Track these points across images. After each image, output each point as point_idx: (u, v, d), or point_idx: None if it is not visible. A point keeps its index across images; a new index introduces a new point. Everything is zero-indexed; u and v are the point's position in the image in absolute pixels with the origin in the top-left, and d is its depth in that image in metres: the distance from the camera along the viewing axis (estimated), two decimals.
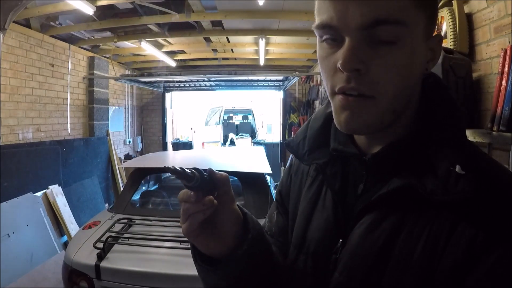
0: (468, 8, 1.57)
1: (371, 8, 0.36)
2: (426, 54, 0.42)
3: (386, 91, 0.39)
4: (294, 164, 0.61)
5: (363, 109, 0.40)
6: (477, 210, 0.36)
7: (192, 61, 6.14)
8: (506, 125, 1.20)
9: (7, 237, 2.70)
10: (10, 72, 3.33)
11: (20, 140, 3.48)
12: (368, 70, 0.38)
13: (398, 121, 0.43)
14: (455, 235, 0.37)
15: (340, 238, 0.46)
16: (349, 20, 0.37)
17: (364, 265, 0.42)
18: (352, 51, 0.37)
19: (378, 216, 0.42)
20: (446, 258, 0.37)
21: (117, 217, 2.01)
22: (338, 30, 0.38)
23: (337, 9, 0.37)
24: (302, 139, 0.54)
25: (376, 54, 0.38)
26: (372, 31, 0.37)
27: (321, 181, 0.52)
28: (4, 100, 3.23)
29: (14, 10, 2.48)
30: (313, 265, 0.49)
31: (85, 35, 4.38)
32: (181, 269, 1.52)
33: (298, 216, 0.54)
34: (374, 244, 0.41)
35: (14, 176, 3.14)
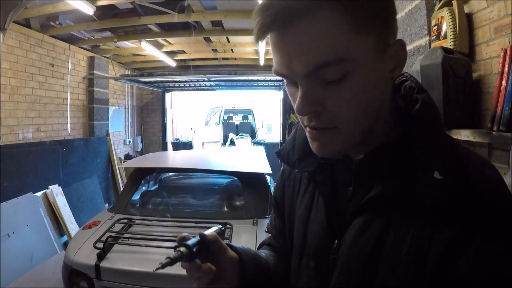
0: (468, 8, 1.57)
1: (311, 56, 0.38)
2: (386, 66, 0.43)
3: (347, 120, 0.41)
4: (285, 170, 0.65)
5: (329, 139, 0.43)
6: (454, 211, 0.39)
7: (192, 61, 6.14)
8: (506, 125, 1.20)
9: (7, 237, 2.70)
10: (10, 72, 3.33)
11: (20, 140, 3.48)
12: (325, 107, 0.41)
13: (375, 130, 0.46)
14: (436, 234, 0.40)
15: (336, 239, 0.49)
16: (294, 69, 0.40)
17: (359, 264, 0.45)
18: (305, 97, 0.40)
19: (367, 219, 0.45)
20: (431, 255, 0.40)
21: (117, 217, 2.01)
22: (289, 78, 0.42)
23: (283, 60, 0.40)
24: (291, 148, 0.57)
25: (328, 92, 0.40)
26: (318, 74, 0.39)
27: (314, 187, 0.56)
28: (4, 100, 3.23)
29: (14, 10, 2.48)
30: (315, 265, 0.52)
31: (85, 35, 4.39)
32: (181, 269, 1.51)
33: (297, 221, 0.58)
34: (366, 244, 0.45)
35: (14, 176, 3.14)
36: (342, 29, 0.37)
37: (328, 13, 0.37)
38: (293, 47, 0.39)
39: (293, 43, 0.38)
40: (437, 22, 1.66)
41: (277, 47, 0.40)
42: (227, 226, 1.83)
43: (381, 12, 0.40)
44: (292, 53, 0.39)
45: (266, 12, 0.38)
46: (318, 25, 0.37)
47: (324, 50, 0.37)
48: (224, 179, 2.80)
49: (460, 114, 1.49)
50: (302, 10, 0.36)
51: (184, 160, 3.11)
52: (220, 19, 3.66)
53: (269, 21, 0.38)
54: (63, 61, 4.23)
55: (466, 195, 0.40)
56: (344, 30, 0.37)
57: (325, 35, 0.37)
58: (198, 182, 3.05)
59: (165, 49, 5.05)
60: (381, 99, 0.44)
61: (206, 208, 2.37)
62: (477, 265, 0.37)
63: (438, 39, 1.66)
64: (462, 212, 0.39)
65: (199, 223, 1.88)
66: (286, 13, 0.37)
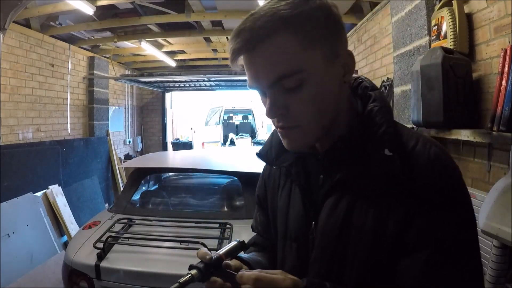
0: (468, 8, 1.57)
1: (272, 71, 0.49)
2: (337, 73, 0.53)
3: (307, 119, 0.52)
4: (265, 170, 0.76)
5: (295, 136, 0.54)
6: (406, 184, 0.49)
7: (192, 61, 6.14)
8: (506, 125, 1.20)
9: (7, 237, 2.70)
10: (10, 72, 3.33)
11: (20, 140, 3.48)
12: (288, 110, 0.51)
13: (336, 125, 0.56)
14: (393, 206, 0.50)
15: (313, 222, 0.59)
16: (261, 82, 0.51)
17: (332, 238, 0.55)
18: (272, 103, 0.51)
19: (335, 200, 0.55)
20: (390, 224, 0.50)
21: (117, 217, 2.01)
22: (259, 89, 0.53)
23: (252, 76, 0.51)
24: (269, 149, 0.67)
25: (290, 98, 0.50)
26: (280, 84, 0.49)
27: (290, 181, 0.65)
28: (4, 100, 3.23)
29: (14, 10, 2.48)
30: (297, 247, 0.61)
31: (85, 35, 4.39)
32: (181, 269, 1.51)
33: (279, 212, 0.67)
34: (336, 221, 0.54)
35: (14, 176, 3.14)
36: (294, 48, 0.48)
37: (282, 37, 0.47)
38: (258, 66, 0.49)
39: (258, 62, 0.49)
40: (437, 22, 1.66)
41: (247, 66, 0.51)
42: (227, 227, 1.83)
43: (327, 31, 0.50)
44: (258, 70, 0.50)
45: (236, 40, 0.48)
46: (275, 47, 0.47)
47: (281, 65, 0.48)
48: (224, 179, 2.80)
49: (460, 114, 1.49)
50: (262, 36, 0.47)
51: (184, 160, 3.11)
52: (220, 19, 3.66)
53: (239, 47, 0.48)
54: (63, 61, 4.23)
55: (413, 168, 0.50)
56: (295, 48, 0.48)
57: (281, 54, 0.48)
58: (198, 182, 3.05)
59: (165, 49, 5.05)
60: (337, 99, 0.54)
61: (206, 208, 2.37)
62: (424, 231, 0.48)
63: (438, 39, 1.66)
64: (412, 184, 0.49)
65: (199, 223, 1.88)
66: (250, 40, 0.47)
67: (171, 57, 5.45)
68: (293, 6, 0.47)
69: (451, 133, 1.50)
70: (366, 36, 3.29)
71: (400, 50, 2.12)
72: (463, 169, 1.62)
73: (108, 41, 4.50)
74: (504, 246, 1.21)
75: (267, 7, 0.48)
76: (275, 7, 0.48)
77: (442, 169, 0.50)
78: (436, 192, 0.48)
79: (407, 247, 0.49)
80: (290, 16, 0.47)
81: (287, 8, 0.47)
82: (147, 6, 3.49)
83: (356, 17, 3.44)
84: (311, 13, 0.48)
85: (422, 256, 0.48)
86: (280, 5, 0.48)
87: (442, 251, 0.48)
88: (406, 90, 2.04)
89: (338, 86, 0.53)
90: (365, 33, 3.31)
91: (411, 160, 0.50)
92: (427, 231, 0.48)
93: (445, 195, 0.48)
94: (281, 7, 0.47)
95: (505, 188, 1.17)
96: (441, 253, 0.47)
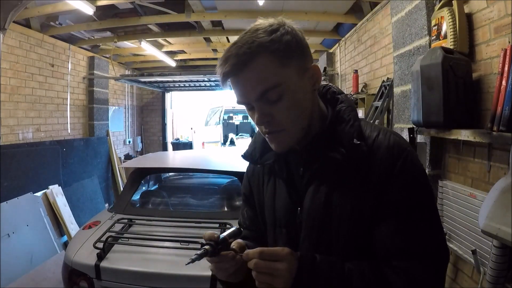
0: (468, 8, 1.57)
1: (257, 87, 0.60)
2: (308, 83, 0.64)
3: (289, 123, 0.63)
4: (249, 170, 0.85)
5: (281, 139, 0.64)
6: (372, 159, 0.62)
7: (192, 61, 6.14)
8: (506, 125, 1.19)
9: (7, 237, 2.70)
10: (10, 72, 3.34)
11: (20, 140, 3.48)
12: (274, 117, 0.62)
13: (312, 125, 0.67)
14: (365, 181, 0.62)
15: (298, 207, 0.69)
16: (249, 98, 0.62)
17: (316, 218, 0.65)
18: (260, 113, 0.62)
19: (316, 185, 0.66)
20: (364, 196, 0.62)
21: (117, 217, 2.01)
22: (248, 104, 0.64)
23: (241, 93, 0.62)
24: (253, 149, 0.77)
25: (274, 107, 0.61)
26: (264, 97, 0.60)
27: (274, 177, 0.75)
28: (4, 100, 3.23)
29: (14, 10, 2.48)
30: (286, 231, 0.71)
31: (85, 35, 4.39)
32: (181, 269, 1.52)
33: (266, 203, 0.77)
34: (319, 202, 0.65)
35: (14, 176, 3.14)
36: (273, 67, 0.59)
37: (263, 59, 0.59)
38: (246, 84, 0.61)
39: (245, 81, 0.60)
40: (437, 22, 1.66)
41: (236, 86, 0.62)
42: (227, 226, 1.83)
43: (297, 50, 0.62)
44: (246, 88, 0.61)
45: (225, 65, 0.59)
46: (258, 68, 0.59)
47: (264, 82, 0.59)
48: (224, 179, 2.80)
49: (460, 114, 1.49)
50: (246, 61, 0.58)
51: (184, 160, 3.11)
52: (220, 19, 3.66)
53: (228, 71, 0.59)
54: (63, 61, 4.23)
55: (376, 152, 0.63)
56: (274, 67, 0.59)
57: (263, 73, 0.59)
58: (198, 182, 3.06)
59: (165, 49, 5.05)
60: (311, 105, 0.66)
61: (206, 208, 2.37)
62: (390, 202, 0.61)
63: (438, 39, 1.66)
64: (377, 164, 0.62)
65: (199, 223, 1.88)
66: (237, 64, 0.58)
67: (171, 57, 5.45)
68: (268, 34, 0.59)
69: (451, 133, 1.50)
70: (366, 36, 3.29)
71: (400, 50, 2.12)
72: (463, 169, 1.62)
73: (108, 41, 4.50)
74: (504, 246, 1.21)
75: (247, 36, 0.59)
76: (254, 36, 0.59)
77: (400, 152, 0.62)
78: (396, 170, 0.61)
79: (378, 219, 0.61)
80: (266, 42, 0.59)
81: (263, 36, 0.59)
82: (147, 6, 3.49)
83: (356, 17, 3.44)
84: (282, 37, 0.60)
85: (390, 223, 0.60)
86: (258, 34, 0.59)
87: (406, 217, 0.60)
88: (406, 90, 2.04)
89: (310, 93, 0.65)
90: (365, 33, 3.31)
91: (374, 146, 0.63)
92: (392, 202, 0.61)
93: (404, 172, 0.61)
94: (258, 36, 0.59)
95: (505, 188, 1.16)
96: (406, 218, 0.60)
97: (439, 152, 1.78)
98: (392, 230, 0.60)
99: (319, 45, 4.85)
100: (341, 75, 4.32)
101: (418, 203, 0.61)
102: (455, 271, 1.69)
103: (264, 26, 0.61)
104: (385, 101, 2.62)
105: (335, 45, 4.48)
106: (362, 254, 0.62)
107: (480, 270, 1.40)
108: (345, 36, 3.98)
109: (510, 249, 1.22)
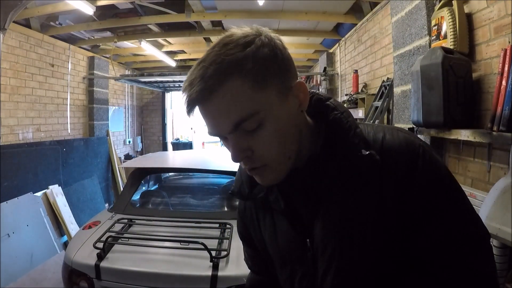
0: (468, 8, 1.57)
1: (229, 118, 0.48)
2: (292, 104, 0.53)
3: (272, 158, 0.52)
4: (241, 208, 0.74)
5: (265, 174, 0.54)
6: (385, 163, 0.53)
7: (192, 61, 6.14)
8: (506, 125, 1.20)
9: (7, 237, 2.70)
10: (10, 72, 3.34)
11: (20, 140, 3.48)
12: (254, 151, 0.51)
13: (303, 149, 0.56)
14: (385, 188, 0.53)
15: (307, 239, 0.59)
16: (220, 130, 0.51)
17: (334, 247, 0.55)
18: (235, 148, 0.51)
19: (326, 209, 0.56)
20: (389, 205, 0.53)
21: (117, 217, 2.01)
22: (220, 136, 0.52)
23: (211, 125, 0.51)
24: (241, 184, 0.65)
25: (253, 139, 0.50)
26: (239, 128, 0.49)
27: (270, 209, 0.64)
28: (4, 100, 3.23)
29: (14, 10, 2.48)
30: (299, 267, 0.60)
31: (85, 35, 4.39)
32: (181, 269, 1.52)
33: (268, 243, 0.67)
34: (333, 226, 0.55)
35: (14, 176, 3.14)
36: (246, 91, 0.48)
37: (233, 83, 0.47)
38: (215, 115, 0.49)
39: (214, 111, 0.49)
40: (437, 22, 1.66)
41: (204, 115, 0.51)
42: (227, 226, 1.83)
43: (276, 66, 0.50)
44: (215, 119, 0.50)
45: (190, 91, 0.48)
46: (228, 95, 0.47)
47: (237, 111, 0.48)
48: (224, 179, 2.80)
49: (460, 114, 1.49)
50: (214, 86, 0.47)
51: (184, 160, 3.11)
52: (220, 19, 3.66)
53: (193, 98, 0.48)
54: (63, 61, 4.23)
55: (388, 156, 0.53)
56: (248, 92, 0.48)
57: (235, 101, 0.48)
58: (198, 182, 3.06)
59: (165, 49, 5.05)
60: (298, 128, 0.55)
61: (206, 208, 2.37)
62: (419, 207, 0.52)
63: (438, 39, 1.66)
64: (392, 168, 0.53)
65: (199, 223, 1.88)
66: (203, 90, 0.47)
67: (171, 57, 5.45)
68: (239, 49, 0.48)
69: (451, 133, 1.50)
70: (366, 36, 3.29)
71: (400, 50, 2.12)
72: (463, 169, 1.62)
73: (108, 41, 4.50)
74: (504, 246, 1.21)
75: (214, 53, 0.48)
76: (222, 53, 0.48)
77: (415, 149, 0.53)
78: (419, 170, 0.52)
79: (413, 228, 0.52)
80: (237, 60, 0.47)
81: (233, 53, 0.47)
82: (147, 6, 3.49)
83: (356, 17, 3.44)
84: (258, 52, 0.48)
85: (426, 231, 0.52)
86: (227, 50, 0.48)
87: (441, 218, 0.52)
88: (406, 90, 2.04)
89: (296, 116, 0.54)
90: (365, 33, 3.32)
91: (384, 149, 0.54)
92: (425, 206, 0.52)
93: (426, 170, 0.52)
94: (228, 52, 0.48)
95: (505, 188, 1.17)
96: (441, 220, 0.52)
97: (439, 152, 1.78)
98: (434, 237, 0.52)
99: (319, 45, 4.85)
100: (341, 75, 4.32)
101: (451, 199, 0.53)
102: None
103: (236, 38, 0.49)
104: (385, 101, 2.62)
105: (335, 45, 4.48)
106: (392, 269, 0.54)
107: None
108: (345, 36, 3.98)
109: (510, 249, 1.22)
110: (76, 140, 4.39)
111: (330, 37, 4.33)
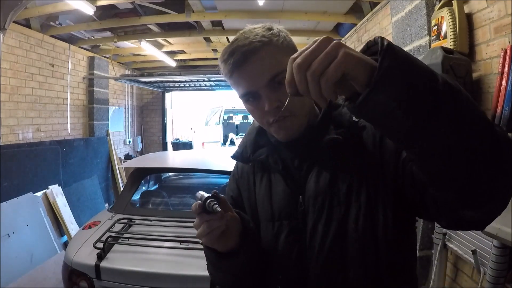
0: (468, 8, 1.57)
1: (266, 73, 0.64)
2: None
3: (298, 107, 0.65)
4: (236, 173, 0.85)
5: (289, 125, 0.67)
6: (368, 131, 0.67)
7: (192, 61, 6.14)
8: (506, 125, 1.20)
9: (7, 237, 2.70)
10: (10, 72, 3.33)
11: (20, 140, 3.48)
12: (283, 103, 0.60)
13: (310, 114, 0.70)
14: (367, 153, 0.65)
15: (299, 195, 0.68)
16: (258, 84, 0.64)
17: (324, 198, 0.65)
18: (269, 99, 0.64)
19: (318, 170, 0.67)
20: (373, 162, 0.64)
21: (117, 217, 2.01)
22: (255, 92, 0.66)
23: (249, 81, 0.65)
24: (244, 148, 0.78)
25: (282, 93, 0.62)
26: (272, 82, 0.64)
27: (268, 172, 0.75)
28: (4, 100, 3.23)
29: (14, 10, 2.48)
30: (288, 222, 0.69)
31: (85, 35, 4.39)
32: (181, 269, 1.52)
33: (260, 201, 0.75)
34: (324, 183, 0.66)
35: (14, 176, 3.14)
36: (277, 55, 0.65)
37: (268, 47, 0.65)
38: (254, 71, 0.64)
39: (254, 68, 0.64)
40: (437, 22, 1.66)
41: (243, 74, 0.65)
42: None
43: (292, 44, 0.70)
44: (254, 74, 0.64)
45: (232, 57, 0.65)
46: (266, 55, 0.64)
47: (271, 68, 0.64)
48: (224, 179, 2.80)
49: None
50: (254, 49, 0.64)
51: (184, 160, 3.11)
52: (220, 19, 3.66)
53: (237, 59, 0.64)
54: (63, 61, 4.23)
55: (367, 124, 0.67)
56: (278, 56, 0.64)
57: (270, 60, 0.64)
58: (198, 182, 3.06)
59: (165, 49, 5.05)
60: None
61: None
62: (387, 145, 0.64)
63: (438, 39, 1.66)
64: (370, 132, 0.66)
65: None
66: (246, 52, 0.63)
67: (171, 57, 5.45)
68: (266, 31, 0.66)
69: None
70: (366, 36, 3.29)
71: None
72: None
73: (108, 41, 4.50)
74: (504, 246, 1.21)
75: (247, 32, 0.66)
76: (254, 33, 0.65)
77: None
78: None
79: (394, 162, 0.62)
80: (268, 35, 0.65)
81: (263, 32, 0.66)
82: (147, 6, 3.49)
83: (356, 17, 3.44)
84: (280, 33, 0.68)
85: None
86: (257, 31, 0.66)
87: None
88: None
89: None
90: (365, 33, 3.31)
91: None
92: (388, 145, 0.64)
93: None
94: (258, 32, 0.65)
95: None
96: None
97: None
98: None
99: None
100: None
101: None
102: (455, 271, 1.69)
103: (258, 27, 0.67)
104: None
105: None
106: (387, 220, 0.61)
107: (480, 270, 1.40)
108: (345, 36, 3.98)
109: (510, 249, 1.22)
110: (76, 140, 4.39)
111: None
